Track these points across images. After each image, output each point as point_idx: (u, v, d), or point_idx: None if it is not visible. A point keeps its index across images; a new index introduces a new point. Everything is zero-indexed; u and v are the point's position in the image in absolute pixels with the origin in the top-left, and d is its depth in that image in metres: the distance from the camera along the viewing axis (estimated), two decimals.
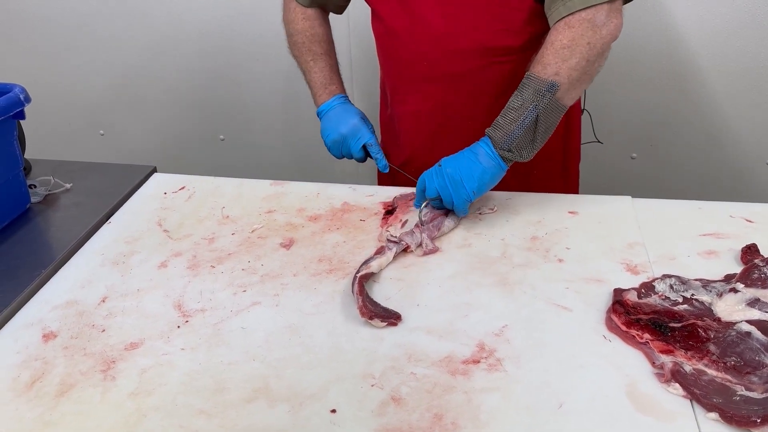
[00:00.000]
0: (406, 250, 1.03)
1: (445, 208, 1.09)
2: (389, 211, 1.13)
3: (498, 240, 1.05)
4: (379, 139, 1.29)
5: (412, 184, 1.16)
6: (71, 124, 2.29)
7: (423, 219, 1.07)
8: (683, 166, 1.89)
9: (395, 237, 1.03)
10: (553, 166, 1.30)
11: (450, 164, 1.06)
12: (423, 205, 1.09)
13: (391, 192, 1.20)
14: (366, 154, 1.26)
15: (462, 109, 1.21)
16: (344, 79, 1.35)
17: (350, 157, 1.27)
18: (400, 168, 1.26)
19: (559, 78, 1.01)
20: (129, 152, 2.29)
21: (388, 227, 1.08)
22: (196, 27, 2.01)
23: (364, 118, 1.26)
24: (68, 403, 0.77)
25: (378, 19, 1.22)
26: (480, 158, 1.05)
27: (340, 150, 1.27)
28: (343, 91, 1.31)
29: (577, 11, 1.01)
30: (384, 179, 1.38)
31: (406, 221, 1.08)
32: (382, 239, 1.05)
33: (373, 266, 0.97)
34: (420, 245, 1.03)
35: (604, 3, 1.00)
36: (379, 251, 1.01)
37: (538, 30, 1.11)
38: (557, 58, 1.01)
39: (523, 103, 1.02)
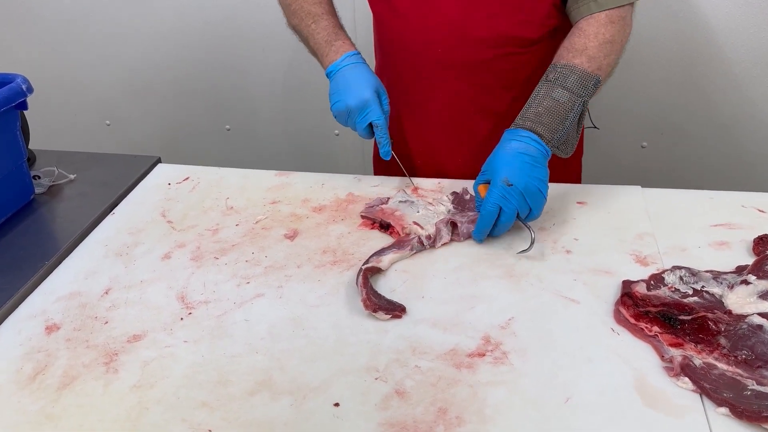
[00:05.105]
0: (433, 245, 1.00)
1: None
2: (384, 225, 1.05)
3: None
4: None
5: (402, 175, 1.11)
6: (77, 114, 2.29)
7: (453, 209, 1.04)
8: (694, 156, 1.87)
9: (431, 235, 0.99)
10: (552, 160, 1.24)
11: (518, 178, 0.95)
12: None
13: (394, 183, 1.18)
14: (371, 131, 1.12)
15: (474, 100, 1.17)
16: None
17: (354, 130, 1.14)
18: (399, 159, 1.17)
19: (601, 73, 0.99)
20: (133, 143, 2.29)
21: (412, 226, 1.01)
22: (201, 17, 2.00)
23: (378, 89, 1.11)
24: (70, 396, 0.77)
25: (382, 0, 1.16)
26: (538, 159, 0.97)
27: (345, 122, 1.12)
28: (352, 46, 1.14)
29: (612, 8, 1.01)
30: (380, 167, 1.32)
31: (451, 210, 1.03)
32: (404, 233, 1.01)
33: (384, 261, 0.95)
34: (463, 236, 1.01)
35: (631, 3, 1.02)
36: (399, 243, 0.99)
37: (556, 24, 1.10)
38: (601, 53, 0.99)
39: (570, 97, 0.98)
